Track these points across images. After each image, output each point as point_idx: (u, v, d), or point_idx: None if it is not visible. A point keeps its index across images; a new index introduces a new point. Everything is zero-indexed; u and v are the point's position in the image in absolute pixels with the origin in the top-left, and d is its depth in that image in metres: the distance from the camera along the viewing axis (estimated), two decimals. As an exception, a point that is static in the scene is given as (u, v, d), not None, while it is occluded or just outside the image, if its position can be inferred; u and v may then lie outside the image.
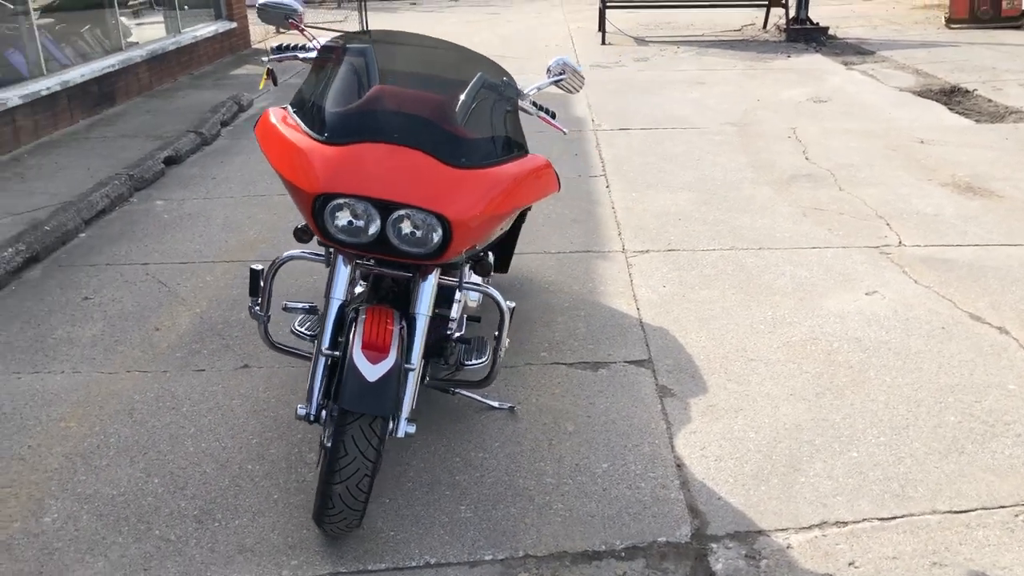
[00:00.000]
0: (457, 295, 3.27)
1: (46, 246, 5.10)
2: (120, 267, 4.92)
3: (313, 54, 2.95)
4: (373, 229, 2.58)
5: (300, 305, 3.14)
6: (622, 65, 10.77)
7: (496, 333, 3.06)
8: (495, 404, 3.44)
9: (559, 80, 3.19)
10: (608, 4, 12.68)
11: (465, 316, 3.39)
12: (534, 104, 3.15)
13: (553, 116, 3.21)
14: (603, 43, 12.39)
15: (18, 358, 3.92)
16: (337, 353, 2.67)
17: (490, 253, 3.89)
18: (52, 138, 7.58)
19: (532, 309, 4.28)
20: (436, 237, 2.58)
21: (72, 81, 7.99)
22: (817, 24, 12.74)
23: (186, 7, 10.99)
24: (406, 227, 2.58)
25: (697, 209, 5.64)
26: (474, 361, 3.21)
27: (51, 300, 4.51)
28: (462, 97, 2.74)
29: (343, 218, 2.58)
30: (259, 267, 3.08)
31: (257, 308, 3.07)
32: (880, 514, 2.84)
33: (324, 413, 2.68)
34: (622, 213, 5.60)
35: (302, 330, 3.21)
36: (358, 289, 3.11)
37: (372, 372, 2.50)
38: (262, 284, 3.04)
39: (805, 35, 12.57)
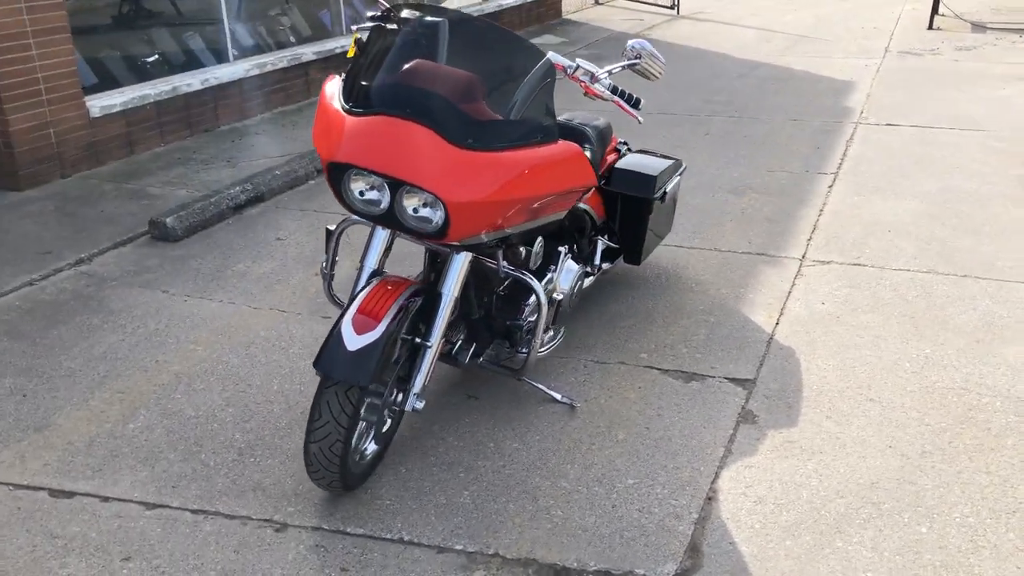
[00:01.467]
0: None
1: (271, 188, 5.68)
2: (322, 214, 5.36)
3: (393, 25, 2.99)
4: (385, 202, 2.61)
5: None
6: (937, 53, 9.60)
7: (533, 323, 2.96)
8: (558, 397, 3.33)
9: (634, 64, 2.97)
10: (946, -16, 11.35)
11: (545, 304, 3.30)
12: (611, 89, 2.96)
13: (635, 104, 2.99)
14: (929, 27, 11.12)
15: (196, 284, 4.44)
16: None
17: (593, 240, 3.75)
18: (337, 92, 8.36)
19: (659, 308, 4.05)
20: (439, 216, 2.55)
21: (366, 41, 8.72)
22: None
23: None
24: (411, 203, 2.57)
25: (916, 222, 4.95)
26: (524, 350, 3.15)
27: (251, 236, 5.05)
28: (488, 78, 2.65)
29: (356, 188, 2.63)
30: (333, 227, 3.23)
31: (323, 266, 3.23)
32: (907, 605, 2.39)
33: None
34: (828, 217, 5.07)
35: None
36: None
37: (354, 341, 2.54)
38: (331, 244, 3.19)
39: None
